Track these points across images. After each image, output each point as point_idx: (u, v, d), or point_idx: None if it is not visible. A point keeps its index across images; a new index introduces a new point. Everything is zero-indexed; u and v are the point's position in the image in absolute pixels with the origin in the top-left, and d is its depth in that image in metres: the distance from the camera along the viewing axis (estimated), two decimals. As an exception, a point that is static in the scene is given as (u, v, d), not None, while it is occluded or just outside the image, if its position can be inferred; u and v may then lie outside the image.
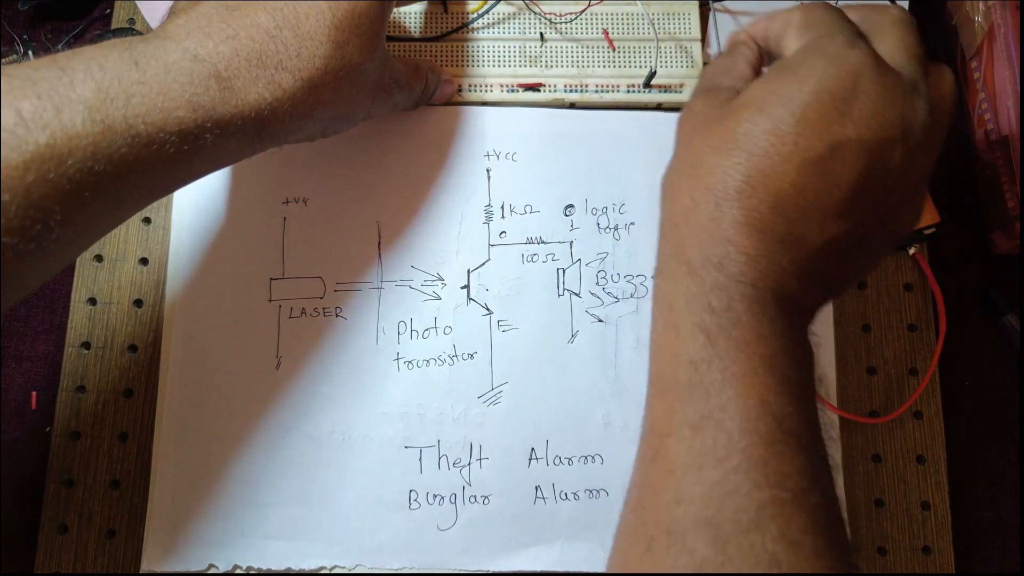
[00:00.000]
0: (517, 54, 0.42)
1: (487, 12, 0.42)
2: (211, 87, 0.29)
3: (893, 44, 0.28)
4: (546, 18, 0.42)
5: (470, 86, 0.42)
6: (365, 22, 0.32)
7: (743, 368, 0.26)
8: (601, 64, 0.42)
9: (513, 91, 0.42)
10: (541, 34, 0.42)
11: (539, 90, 0.42)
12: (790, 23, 0.30)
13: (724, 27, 0.44)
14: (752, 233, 0.27)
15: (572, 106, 0.43)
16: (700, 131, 0.29)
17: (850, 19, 0.30)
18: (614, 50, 0.42)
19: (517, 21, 0.43)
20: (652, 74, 0.41)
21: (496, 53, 0.42)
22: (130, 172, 0.27)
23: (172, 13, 0.31)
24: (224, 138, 0.29)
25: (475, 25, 0.42)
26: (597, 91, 0.42)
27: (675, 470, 0.26)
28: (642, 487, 0.28)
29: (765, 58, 0.33)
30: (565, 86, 0.42)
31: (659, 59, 0.42)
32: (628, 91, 0.42)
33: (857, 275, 0.30)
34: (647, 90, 0.42)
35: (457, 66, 0.42)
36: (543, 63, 0.42)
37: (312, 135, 0.34)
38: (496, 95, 0.42)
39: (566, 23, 0.42)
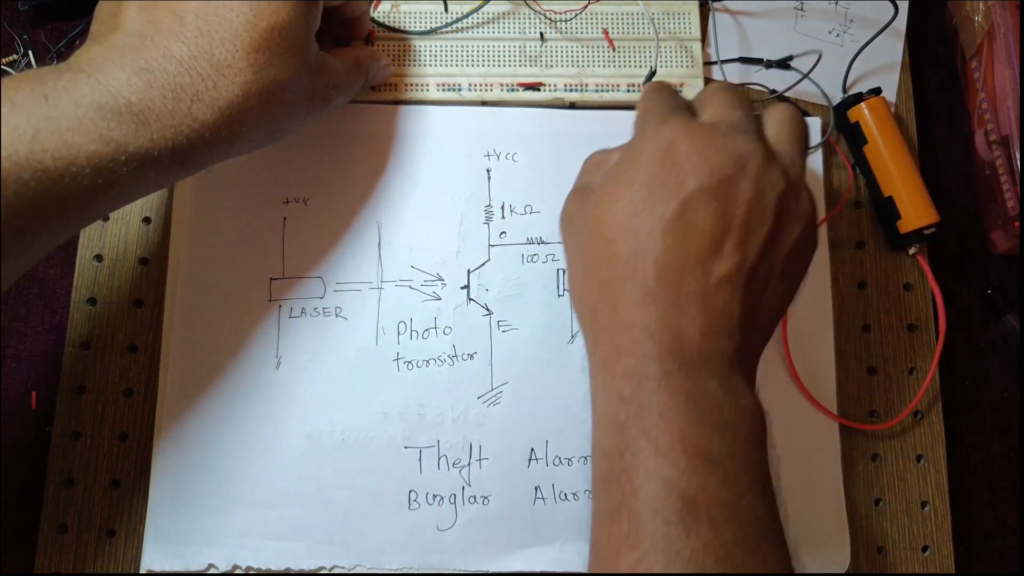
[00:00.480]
0: (517, 53, 0.42)
1: (482, 7, 0.42)
2: (124, 121, 0.28)
3: (713, 108, 0.32)
4: (546, 17, 0.42)
5: (470, 85, 0.42)
6: (287, 38, 0.31)
7: (649, 451, 0.27)
8: (601, 64, 0.42)
9: (513, 90, 0.42)
10: (541, 33, 0.42)
11: (539, 89, 0.42)
12: (635, 117, 0.34)
13: (724, 26, 0.44)
14: (645, 308, 0.28)
15: (572, 105, 0.43)
16: (577, 231, 0.32)
17: (672, 98, 0.33)
18: (614, 49, 0.42)
19: (517, 21, 0.43)
20: (652, 73, 0.41)
21: (496, 52, 0.42)
22: (41, 205, 0.27)
23: (89, 38, 0.31)
24: (141, 171, 0.29)
25: (475, 24, 0.42)
26: (597, 90, 0.42)
27: (602, 558, 0.28)
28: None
29: None
30: (565, 85, 0.42)
31: (659, 58, 0.42)
32: (628, 90, 0.42)
33: (768, 315, 0.31)
34: (647, 90, 0.42)
35: (457, 65, 0.42)
36: (543, 63, 0.42)
37: (243, 152, 0.33)
38: (496, 94, 0.42)
39: (566, 21, 0.42)
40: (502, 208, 0.41)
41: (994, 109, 0.43)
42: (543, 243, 0.41)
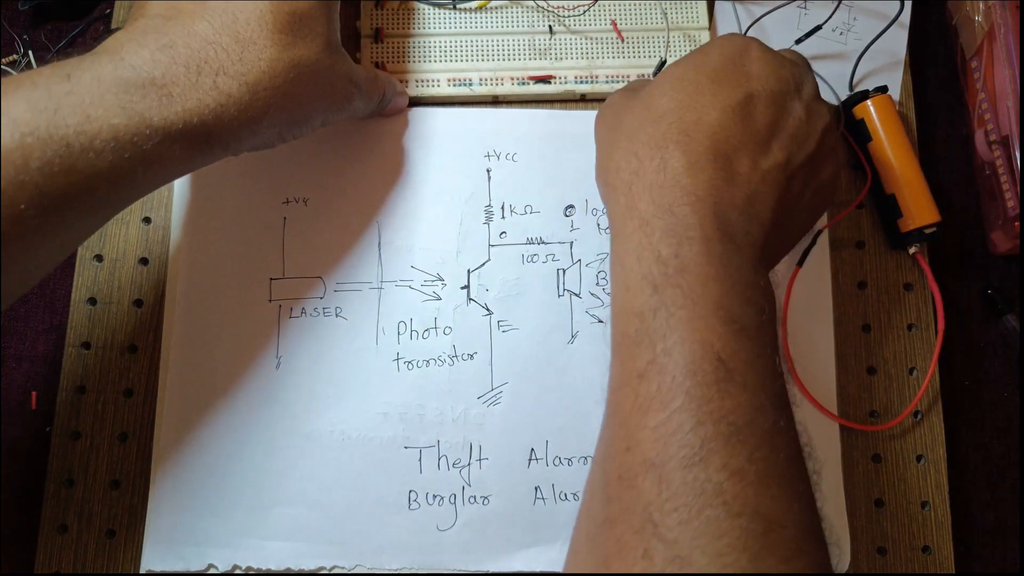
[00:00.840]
0: (526, 47, 0.42)
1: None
2: (148, 94, 0.28)
3: (783, 53, 0.35)
4: (555, 14, 0.42)
5: (481, 80, 0.42)
6: (308, 23, 0.32)
7: (688, 312, 0.27)
8: (610, 55, 0.43)
9: (524, 84, 0.42)
10: (550, 27, 0.43)
11: (550, 82, 0.42)
12: None
13: (731, 18, 0.44)
14: (695, 174, 0.30)
15: (583, 97, 0.43)
16: (625, 110, 0.33)
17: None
18: (623, 40, 0.43)
19: (525, 14, 0.43)
20: (663, 63, 0.42)
21: (505, 47, 0.42)
22: (67, 184, 0.27)
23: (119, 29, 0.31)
24: (166, 147, 0.29)
25: (484, 12, 0.42)
26: (608, 81, 0.42)
27: (626, 420, 0.27)
28: (601, 441, 0.29)
29: None
30: (576, 77, 0.42)
31: (668, 48, 0.42)
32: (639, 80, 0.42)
33: (791, 227, 0.32)
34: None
35: (467, 60, 0.42)
36: (552, 55, 0.42)
37: (268, 140, 0.33)
38: (507, 88, 0.42)
39: (577, 16, 0.42)
40: (502, 208, 0.41)
41: (994, 109, 0.43)
42: (543, 243, 0.41)
